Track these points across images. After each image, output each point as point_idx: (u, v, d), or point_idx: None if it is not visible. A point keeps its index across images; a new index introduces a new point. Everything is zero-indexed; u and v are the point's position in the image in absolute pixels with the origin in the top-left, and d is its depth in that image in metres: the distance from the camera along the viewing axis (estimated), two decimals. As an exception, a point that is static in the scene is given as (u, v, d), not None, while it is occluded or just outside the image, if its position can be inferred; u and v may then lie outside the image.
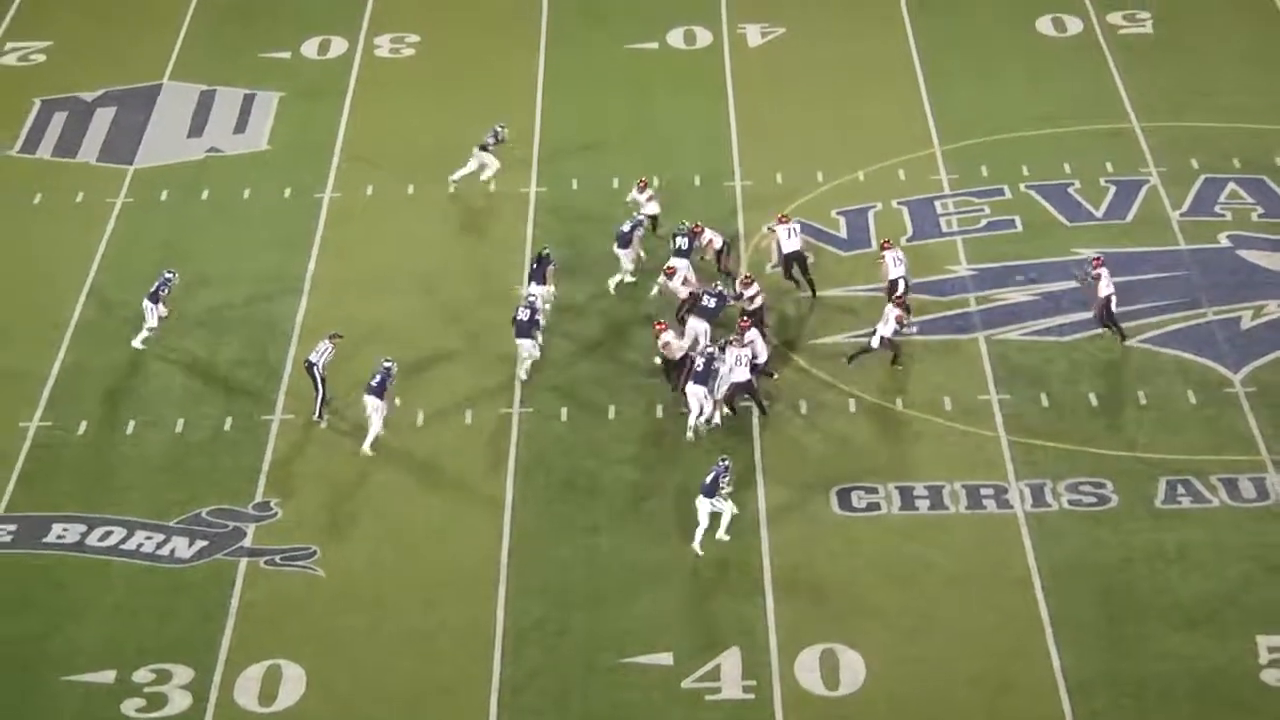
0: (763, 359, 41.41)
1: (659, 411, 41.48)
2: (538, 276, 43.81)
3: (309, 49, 56.32)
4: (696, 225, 44.91)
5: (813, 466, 39.94)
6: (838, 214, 47.89)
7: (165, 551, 38.18)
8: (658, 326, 41.66)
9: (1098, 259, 43.36)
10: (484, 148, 48.17)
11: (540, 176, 49.40)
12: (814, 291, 44.79)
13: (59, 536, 38.57)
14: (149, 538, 38.52)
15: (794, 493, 39.25)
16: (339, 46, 56.45)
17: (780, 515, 38.67)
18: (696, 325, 42.26)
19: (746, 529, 38.26)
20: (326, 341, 41.78)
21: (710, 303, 42.47)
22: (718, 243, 45.03)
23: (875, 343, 41.98)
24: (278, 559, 37.95)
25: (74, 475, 40.19)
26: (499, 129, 48.42)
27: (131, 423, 41.48)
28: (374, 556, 37.95)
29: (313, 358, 41.48)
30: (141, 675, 35.21)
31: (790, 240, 44.60)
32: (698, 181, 49.35)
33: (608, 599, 36.82)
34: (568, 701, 34.66)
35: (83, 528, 38.77)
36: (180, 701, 34.77)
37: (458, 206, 48.38)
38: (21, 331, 44.19)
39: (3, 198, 49.20)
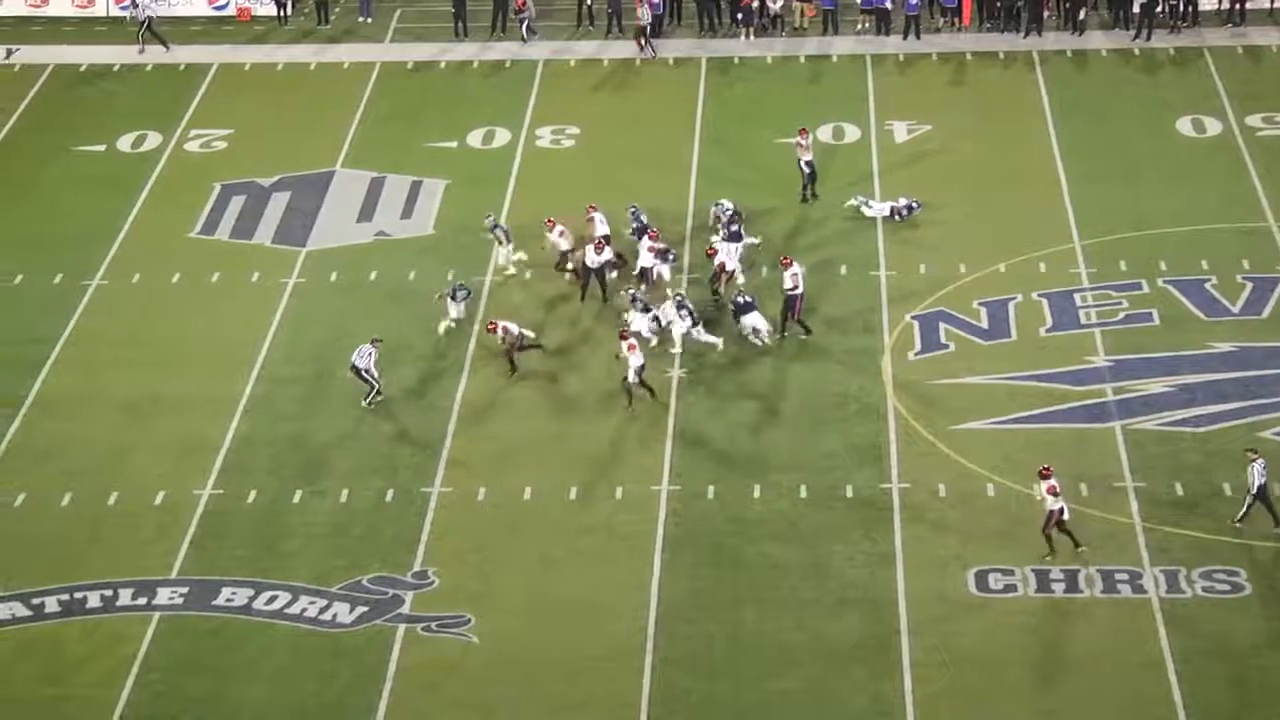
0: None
1: (803, 491, 41.33)
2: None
3: (474, 139, 56.84)
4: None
5: (950, 549, 39.60)
6: (979, 304, 47.64)
7: (327, 616, 38.37)
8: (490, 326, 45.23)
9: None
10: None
11: (691, 259, 49.44)
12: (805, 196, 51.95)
13: (228, 599, 38.86)
14: (312, 602, 38.73)
15: (932, 574, 38.92)
16: (503, 137, 56.92)
17: (918, 595, 38.34)
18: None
19: (885, 607, 38.02)
20: (368, 346, 43.85)
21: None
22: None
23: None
24: (434, 625, 38.03)
25: (243, 541, 40.50)
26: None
27: (298, 492, 41.78)
28: (526, 626, 37.95)
29: (358, 362, 43.55)
30: (302, 734, 35.52)
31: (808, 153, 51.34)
32: (844, 270, 49.24)
33: (751, 673, 36.61)
34: (710, 771, 34.64)
35: (250, 591, 39.05)
36: (339, 761, 35.07)
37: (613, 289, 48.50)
38: (198, 404, 44.65)
39: (184, 276, 49.81)
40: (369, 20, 64.28)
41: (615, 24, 62.50)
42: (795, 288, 45.83)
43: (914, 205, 51.03)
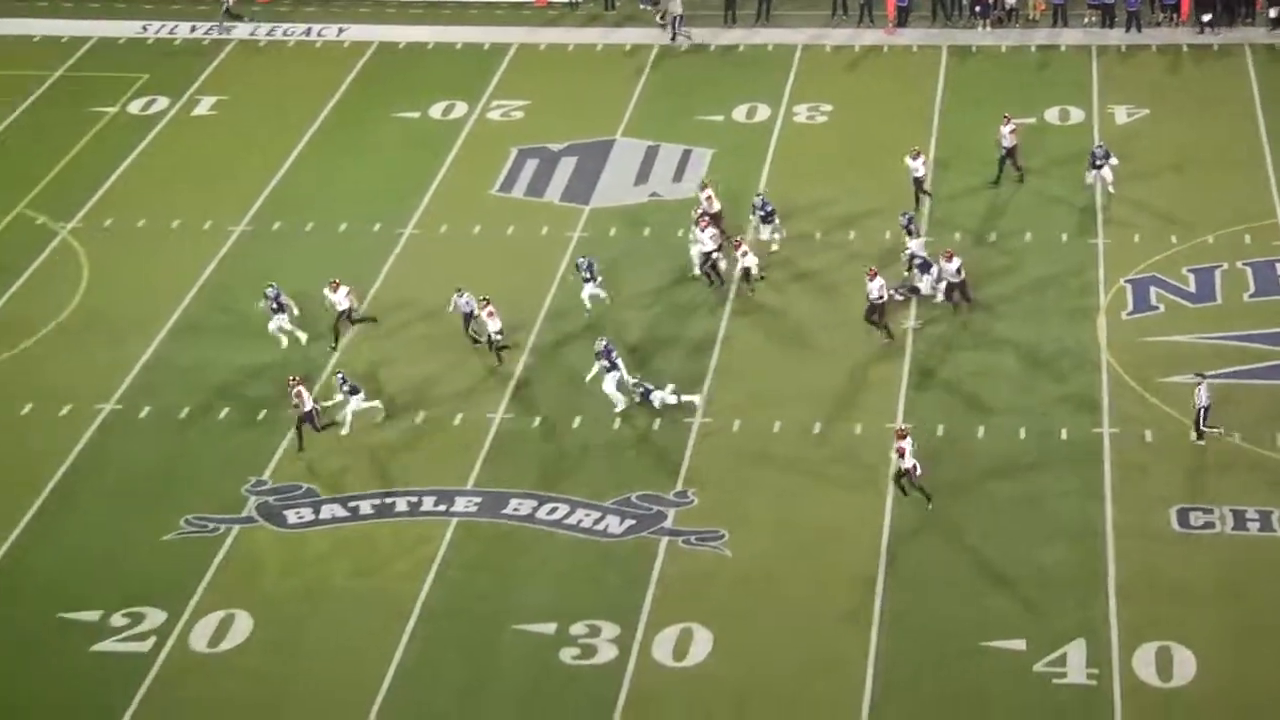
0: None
1: (1022, 433, 40.85)
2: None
3: (739, 114, 56.65)
4: None
5: (1155, 488, 38.93)
6: (1188, 271, 46.66)
7: (600, 527, 38.69)
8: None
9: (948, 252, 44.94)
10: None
11: (930, 230, 49.07)
12: (1021, 177, 50.44)
13: (515, 509, 39.32)
14: (587, 515, 39.06)
15: (1138, 510, 38.31)
16: (763, 113, 56.68)
17: (1125, 529, 37.79)
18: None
19: (1094, 538, 37.50)
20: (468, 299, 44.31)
21: None
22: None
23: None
24: (693, 539, 38.19)
25: (529, 459, 40.91)
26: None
27: (578, 418, 42.11)
28: (773, 544, 37.99)
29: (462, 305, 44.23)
30: (577, 629, 35.78)
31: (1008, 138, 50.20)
32: (1065, 238, 48.48)
33: (969, 593, 36.35)
34: (935, 676, 34.42)
35: (534, 503, 39.47)
36: (607, 653, 35.25)
37: (857, 255, 48.06)
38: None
39: (484, 229, 50.32)
40: (649, 7, 64.30)
41: (867, 14, 61.92)
42: (880, 297, 44.12)
43: (1104, 150, 49.92)
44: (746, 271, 46.27)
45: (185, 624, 36.28)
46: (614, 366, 41.98)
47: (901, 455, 38.09)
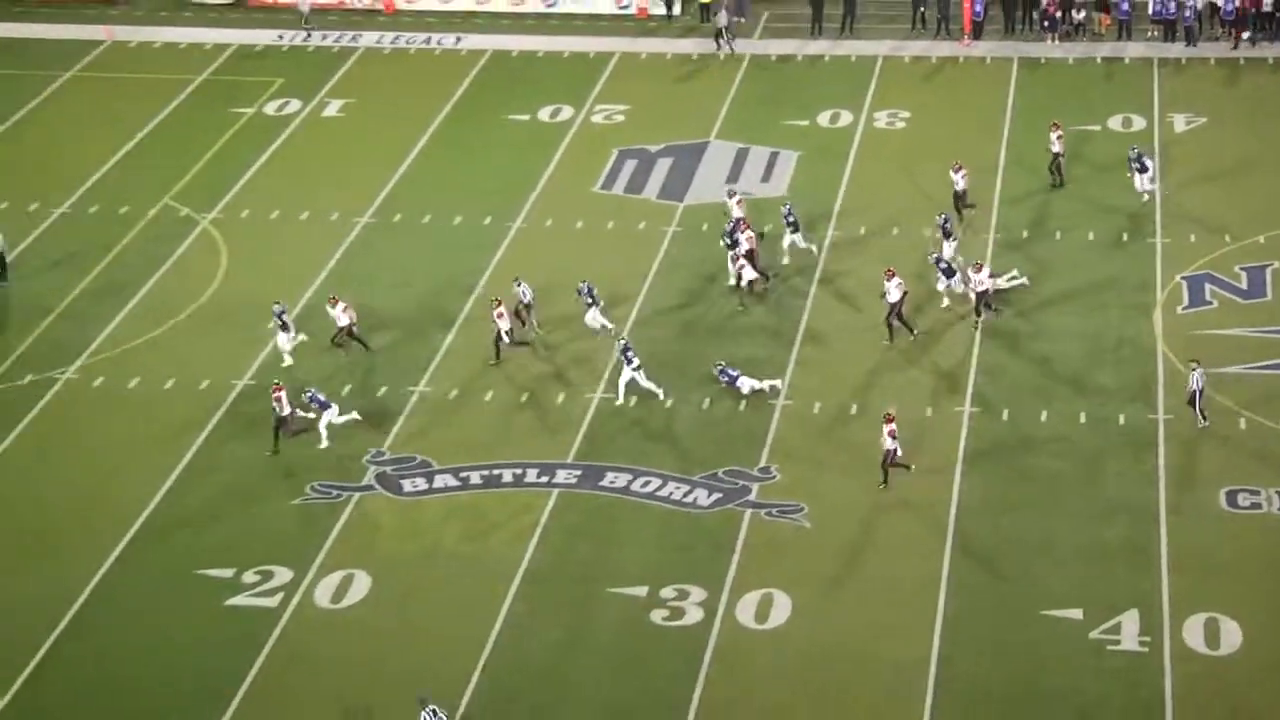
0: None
1: (1082, 418, 40.61)
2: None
3: (823, 119, 56.51)
4: None
5: (1206, 471, 38.63)
6: (1240, 269, 46.20)
7: (689, 499, 38.78)
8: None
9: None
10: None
11: (997, 224, 48.82)
12: (1054, 183, 49.76)
13: (611, 482, 39.48)
14: (678, 488, 39.16)
15: (1190, 490, 38.05)
16: (846, 118, 56.51)
17: (1177, 507, 37.54)
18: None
19: (1148, 516, 37.24)
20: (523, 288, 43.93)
21: None
22: None
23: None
24: (775, 512, 38.23)
25: (625, 435, 41.03)
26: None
27: (670, 400, 42.13)
28: (849, 517, 37.94)
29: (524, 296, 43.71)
30: (667, 592, 35.90)
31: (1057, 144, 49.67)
32: (1125, 237, 48.12)
33: (1032, 563, 36.24)
34: (997, 641, 34.35)
35: (629, 476, 39.60)
36: (694, 615, 35.34)
37: (931, 252, 47.88)
38: (585, 328, 45.16)
39: (586, 223, 50.48)
40: (743, 20, 64.22)
41: (943, 27, 61.61)
42: (890, 295, 43.42)
43: (1140, 153, 49.29)
44: (750, 283, 45.62)
45: (310, 582, 36.72)
46: (628, 364, 41.66)
47: (894, 436, 38.03)
